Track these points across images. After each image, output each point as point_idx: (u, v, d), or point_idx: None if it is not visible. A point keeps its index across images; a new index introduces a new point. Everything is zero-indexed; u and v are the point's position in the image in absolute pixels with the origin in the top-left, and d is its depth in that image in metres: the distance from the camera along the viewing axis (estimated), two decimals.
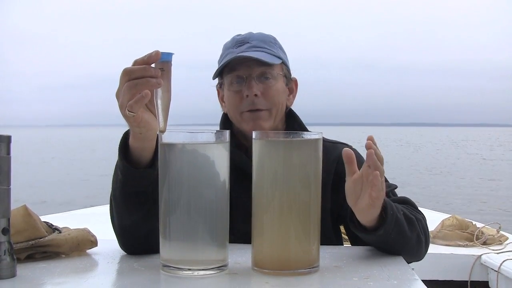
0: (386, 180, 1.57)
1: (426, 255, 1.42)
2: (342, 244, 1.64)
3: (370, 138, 1.15)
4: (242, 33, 1.63)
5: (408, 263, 1.39)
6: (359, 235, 1.29)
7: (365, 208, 1.18)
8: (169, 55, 1.07)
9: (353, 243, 1.55)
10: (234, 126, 1.64)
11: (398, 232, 1.25)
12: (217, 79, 1.66)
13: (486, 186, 16.08)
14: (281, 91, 1.60)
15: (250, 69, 1.54)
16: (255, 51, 1.54)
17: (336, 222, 1.59)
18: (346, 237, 1.66)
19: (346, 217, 1.32)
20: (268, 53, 1.55)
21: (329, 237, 1.56)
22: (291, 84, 1.67)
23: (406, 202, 1.45)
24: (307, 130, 1.55)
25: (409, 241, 1.30)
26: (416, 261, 1.41)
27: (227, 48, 1.61)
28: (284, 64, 1.62)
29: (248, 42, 1.57)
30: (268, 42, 1.59)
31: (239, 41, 1.58)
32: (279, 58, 1.58)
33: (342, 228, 1.68)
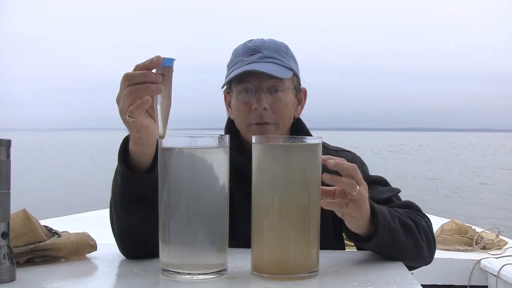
0: (388, 185, 1.56)
1: None
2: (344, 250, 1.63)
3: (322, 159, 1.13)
4: (254, 38, 1.61)
5: (415, 268, 1.38)
6: (354, 244, 1.30)
7: (353, 219, 1.19)
8: (171, 60, 1.07)
9: (358, 248, 1.54)
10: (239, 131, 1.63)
11: (392, 240, 1.25)
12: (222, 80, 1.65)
13: (486, 190, 16.07)
14: (290, 104, 1.58)
15: (260, 81, 1.52)
16: (267, 63, 1.52)
17: (339, 228, 1.58)
18: (350, 242, 1.65)
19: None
20: (280, 65, 1.53)
21: (332, 243, 1.56)
22: (300, 95, 1.66)
23: (410, 206, 1.44)
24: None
25: (405, 249, 1.29)
26: (423, 265, 1.40)
27: (238, 55, 1.58)
28: (295, 75, 1.60)
29: (260, 52, 1.54)
30: (280, 52, 1.57)
31: (251, 49, 1.56)
32: (291, 69, 1.56)
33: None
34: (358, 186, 1.13)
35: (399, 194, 1.53)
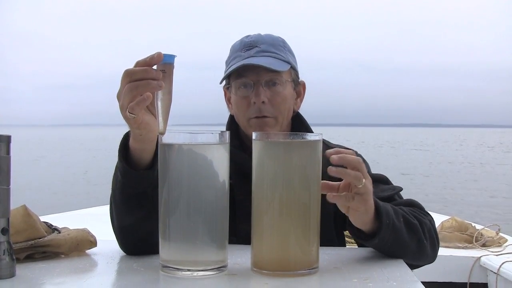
0: (390, 183, 1.56)
1: None
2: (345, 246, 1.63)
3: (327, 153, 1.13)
4: (251, 33, 1.61)
5: (418, 267, 1.38)
6: (358, 241, 1.29)
7: (357, 214, 1.18)
8: (172, 57, 1.06)
9: (359, 245, 1.54)
10: (241, 128, 1.63)
11: (395, 239, 1.25)
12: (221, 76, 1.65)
13: (486, 187, 16.08)
14: (289, 98, 1.58)
15: (258, 75, 1.52)
16: (264, 57, 1.52)
17: (341, 227, 1.58)
18: (351, 240, 1.65)
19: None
20: (277, 58, 1.54)
21: (332, 240, 1.55)
22: (299, 88, 1.65)
23: (412, 204, 1.43)
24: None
25: (408, 247, 1.28)
26: (426, 264, 1.40)
27: (235, 50, 1.59)
28: (293, 68, 1.60)
29: (257, 46, 1.55)
30: (277, 46, 1.57)
31: (248, 44, 1.56)
32: (288, 62, 1.56)
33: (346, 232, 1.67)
34: (363, 179, 1.13)
35: (401, 192, 1.52)
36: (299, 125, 1.65)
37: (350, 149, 1.70)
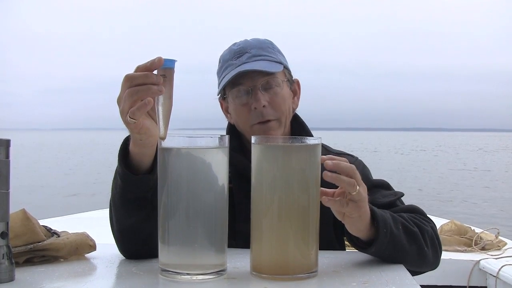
0: (391, 188, 1.55)
1: None
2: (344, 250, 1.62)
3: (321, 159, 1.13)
4: (237, 40, 1.61)
5: (420, 273, 1.37)
6: (356, 249, 1.29)
7: (352, 220, 1.18)
8: (172, 62, 1.06)
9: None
10: (242, 133, 1.62)
11: (393, 246, 1.24)
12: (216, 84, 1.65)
13: (485, 191, 16.07)
14: (287, 97, 1.58)
15: (254, 80, 1.52)
16: (256, 61, 1.52)
17: (341, 231, 1.57)
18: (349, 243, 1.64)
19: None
20: (269, 60, 1.54)
21: (332, 244, 1.55)
22: (294, 87, 1.66)
23: (414, 210, 1.42)
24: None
25: (408, 255, 1.28)
26: (429, 270, 1.39)
27: (226, 60, 1.58)
28: (286, 68, 1.60)
29: (246, 52, 1.54)
30: (266, 49, 1.57)
31: (238, 52, 1.55)
32: (280, 63, 1.56)
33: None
34: (358, 186, 1.13)
35: (402, 198, 1.52)
36: (299, 128, 1.65)
37: (351, 155, 1.70)
